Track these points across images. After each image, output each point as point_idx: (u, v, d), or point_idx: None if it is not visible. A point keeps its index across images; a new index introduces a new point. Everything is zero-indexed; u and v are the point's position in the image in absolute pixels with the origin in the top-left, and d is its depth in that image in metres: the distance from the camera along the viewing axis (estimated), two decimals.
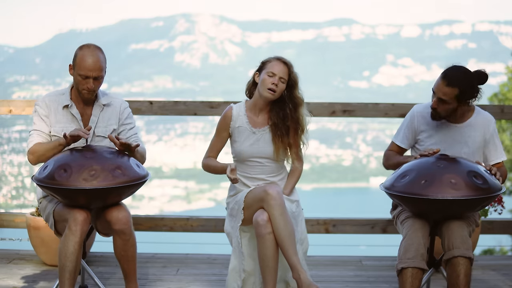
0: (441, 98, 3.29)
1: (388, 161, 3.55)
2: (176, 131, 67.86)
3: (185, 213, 31.62)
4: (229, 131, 3.53)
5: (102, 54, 3.36)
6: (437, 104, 3.33)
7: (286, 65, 3.46)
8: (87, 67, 3.28)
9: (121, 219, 3.19)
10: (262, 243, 3.25)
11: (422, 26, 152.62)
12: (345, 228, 4.69)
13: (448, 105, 3.31)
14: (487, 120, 3.44)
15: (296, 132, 3.49)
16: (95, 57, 3.31)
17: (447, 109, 3.33)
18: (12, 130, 43.87)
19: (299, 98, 3.48)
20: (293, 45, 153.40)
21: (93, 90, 3.35)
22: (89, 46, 3.35)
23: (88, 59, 3.29)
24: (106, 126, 3.46)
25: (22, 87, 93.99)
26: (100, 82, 3.36)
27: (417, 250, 3.05)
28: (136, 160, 3.28)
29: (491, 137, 3.44)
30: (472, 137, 3.41)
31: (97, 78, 3.33)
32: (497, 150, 3.46)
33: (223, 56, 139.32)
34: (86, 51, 3.32)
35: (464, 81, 3.27)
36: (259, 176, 3.51)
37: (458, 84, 3.26)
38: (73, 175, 3.05)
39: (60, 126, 3.41)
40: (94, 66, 3.29)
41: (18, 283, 3.88)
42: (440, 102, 3.31)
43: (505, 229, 4.77)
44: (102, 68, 3.33)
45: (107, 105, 3.48)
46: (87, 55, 3.30)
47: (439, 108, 3.33)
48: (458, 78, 3.28)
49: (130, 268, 3.31)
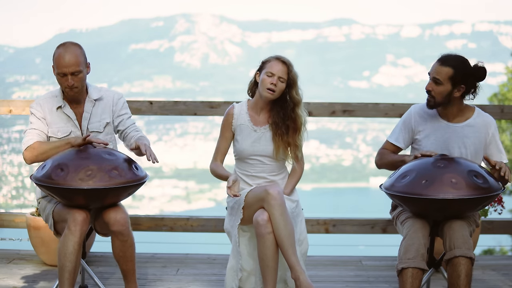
0: (435, 77, 3.27)
1: (381, 160, 3.49)
2: (176, 131, 67.90)
3: (185, 213, 31.66)
4: (231, 130, 3.55)
5: (79, 49, 3.34)
6: (431, 86, 3.30)
7: (285, 65, 3.47)
8: (62, 64, 3.28)
9: (119, 221, 3.19)
10: (262, 243, 3.26)
11: (422, 26, 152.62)
12: (345, 228, 4.69)
13: (442, 86, 3.27)
14: (487, 122, 3.40)
15: (294, 132, 3.50)
16: (70, 53, 3.29)
17: (441, 92, 3.28)
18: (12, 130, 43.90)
19: (296, 98, 3.49)
20: (293, 45, 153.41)
21: (75, 87, 3.33)
22: (65, 44, 3.35)
23: (64, 56, 3.28)
24: (100, 121, 3.46)
25: (22, 87, 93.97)
26: (80, 77, 3.32)
27: (417, 250, 3.05)
28: (135, 162, 3.27)
29: (492, 138, 3.41)
30: (470, 138, 3.38)
31: (75, 73, 3.30)
32: (500, 152, 3.42)
33: (223, 56, 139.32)
34: (61, 49, 3.32)
35: (458, 62, 3.27)
36: (260, 174, 3.52)
37: (452, 64, 3.26)
38: (69, 175, 3.05)
39: (57, 127, 3.41)
40: (69, 61, 3.28)
41: (18, 283, 3.88)
42: (434, 83, 3.29)
43: (505, 229, 4.77)
44: (79, 62, 3.30)
45: (98, 100, 3.47)
46: (62, 53, 3.30)
47: (433, 91, 3.29)
48: (453, 59, 3.28)
49: (129, 268, 3.31)
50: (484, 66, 3.30)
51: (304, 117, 3.52)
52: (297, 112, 3.49)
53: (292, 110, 3.49)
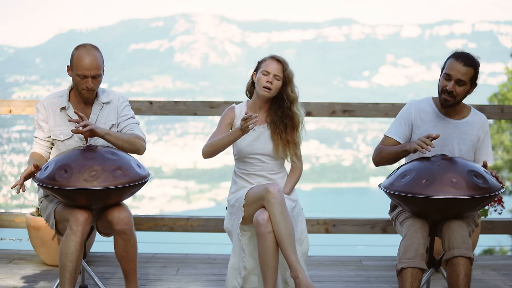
0: (460, 79, 3.25)
1: (380, 154, 3.40)
2: (176, 131, 67.91)
3: (185, 213, 31.64)
4: (231, 128, 3.57)
5: (98, 52, 3.36)
6: (454, 87, 3.27)
7: (280, 63, 3.51)
8: (84, 67, 3.28)
9: (122, 220, 3.20)
10: (263, 242, 3.26)
11: (422, 26, 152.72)
12: (345, 228, 4.69)
13: (465, 86, 3.27)
14: (483, 121, 3.44)
15: (292, 129, 3.53)
16: (92, 56, 3.30)
17: (463, 92, 3.28)
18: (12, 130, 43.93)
19: (291, 95, 3.53)
20: (293, 45, 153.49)
21: (93, 89, 3.35)
22: (85, 46, 3.35)
23: (85, 59, 3.29)
24: (105, 123, 3.46)
25: (22, 87, 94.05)
26: (98, 80, 3.36)
27: (416, 250, 3.05)
28: (137, 161, 3.28)
29: (485, 136, 3.44)
30: (469, 135, 3.40)
31: (95, 76, 3.32)
32: (488, 152, 3.45)
33: (223, 56, 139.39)
34: (82, 51, 3.32)
35: (476, 62, 3.28)
36: (260, 173, 3.53)
37: (473, 64, 3.26)
38: (73, 176, 3.05)
39: (60, 130, 3.41)
40: (91, 65, 3.29)
41: (18, 283, 3.89)
42: (457, 84, 3.26)
43: (505, 229, 4.76)
44: (100, 66, 3.33)
45: (107, 103, 3.49)
46: (84, 55, 3.30)
47: (456, 91, 3.27)
48: (472, 59, 3.28)
49: (130, 268, 3.31)
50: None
51: (301, 115, 3.56)
52: (293, 110, 3.54)
53: (289, 108, 3.53)
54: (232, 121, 3.58)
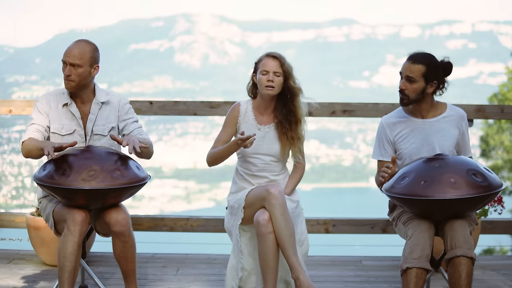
0: (408, 76, 3.32)
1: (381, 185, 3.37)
2: (176, 131, 67.92)
3: (185, 213, 31.62)
4: (236, 126, 3.56)
5: (89, 47, 3.37)
6: (404, 85, 3.34)
7: (276, 59, 3.50)
8: (66, 52, 3.34)
9: (120, 221, 3.19)
10: (263, 242, 3.26)
11: (422, 26, 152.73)
12: (345, 228, 4.69)
13: (415, 83, 3.32)
14: (461, 114, 3.46)
15: (296, 124, 3.52)
16: (78, 46, 3.35)
17: (415, 90, 3.33)
18: (12, 130, 43.92)
19: (294, 87, 3.51)
20: (293, 45, 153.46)
21: (71, 80, 3.33)
22: (81, 39, 3.41)
23: (71, 46, 3.36)
24: (105, 124, 3.46)
25: (22, 87, 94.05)
26: (78, 72, 3.32)
27: (423, 250, 3.05)
28: (136, 162, 3.27)
29: (465, 130, 3.48)
30: (447, 130, 3.41)
31: (74, 65, 3.31)
32: (466, 146, 3.48)
33: (223, 56, 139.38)
34: (74, 42, 3.40)
35: (428, 59, 3.34)
36: (261, 173, 3.52)
37: (424, 61, 3.32)
38: (72, 175, 3.05)
39: (61, 124, 3.41)
40: (72, 51, 3.32)
41: (18, 283, 3.88)
42: (408, 81, 3.33)
43: (505, 229, 4.76)
44: (83, 57, 3.32)
45: (105, 103, 3.48)
46: (72, 44, 3.38)
47: (407, 90, 3.34)
48: (422, 56, 3.35)
49: (129, 268, 3.31)
50: (451, 62, 3.37)
51: (303, 109, 3.54)
52: (296, 104, 3.51)
53: (292, 103, 3.51)
54: (236, 120, 3.56)
